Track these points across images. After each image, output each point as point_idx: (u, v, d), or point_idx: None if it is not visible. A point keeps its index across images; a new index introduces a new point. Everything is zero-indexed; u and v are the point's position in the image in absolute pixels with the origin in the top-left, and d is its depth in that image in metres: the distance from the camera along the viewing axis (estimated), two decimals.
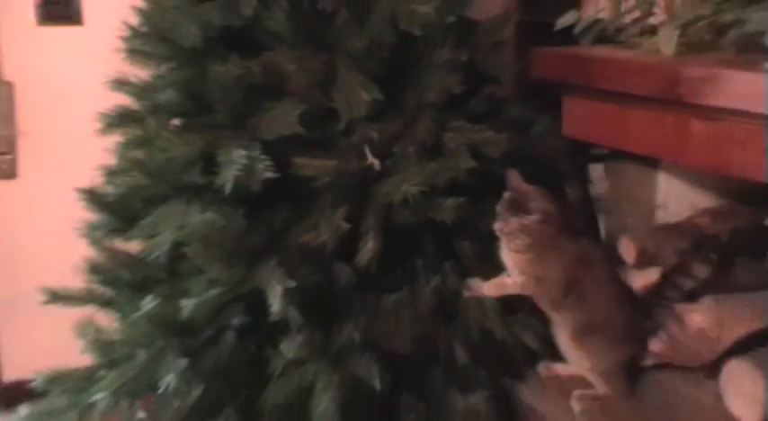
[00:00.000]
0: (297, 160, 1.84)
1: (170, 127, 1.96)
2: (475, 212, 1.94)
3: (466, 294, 1.96)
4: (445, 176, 1.87)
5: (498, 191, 1.93)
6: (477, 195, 1.94)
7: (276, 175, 1.80)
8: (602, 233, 2.42)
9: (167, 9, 1.96)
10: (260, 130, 1.83)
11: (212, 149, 1.84)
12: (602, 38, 2.11)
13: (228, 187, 1.79)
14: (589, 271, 1.87)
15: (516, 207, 1.80)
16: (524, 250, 1.84)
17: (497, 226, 1.81)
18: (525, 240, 1.80)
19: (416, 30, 1.89)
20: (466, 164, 1.89)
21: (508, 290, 1.92)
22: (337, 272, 1.87)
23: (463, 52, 1.96)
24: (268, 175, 1.80)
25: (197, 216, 1.84)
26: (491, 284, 1.93)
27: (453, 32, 1.97)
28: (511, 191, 1.83)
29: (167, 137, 1.91)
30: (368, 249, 1.84)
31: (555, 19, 2.16)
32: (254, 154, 1.80)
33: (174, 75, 1.93)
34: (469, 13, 2.07)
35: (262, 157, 1.80)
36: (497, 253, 1.89)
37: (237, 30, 1.87)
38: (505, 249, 1.87)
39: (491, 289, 1.94)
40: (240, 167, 1.78)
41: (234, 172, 1.78)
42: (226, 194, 1.81)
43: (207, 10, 1.86)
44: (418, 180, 1.83)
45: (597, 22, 2.10)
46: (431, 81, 1.93)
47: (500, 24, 2.13)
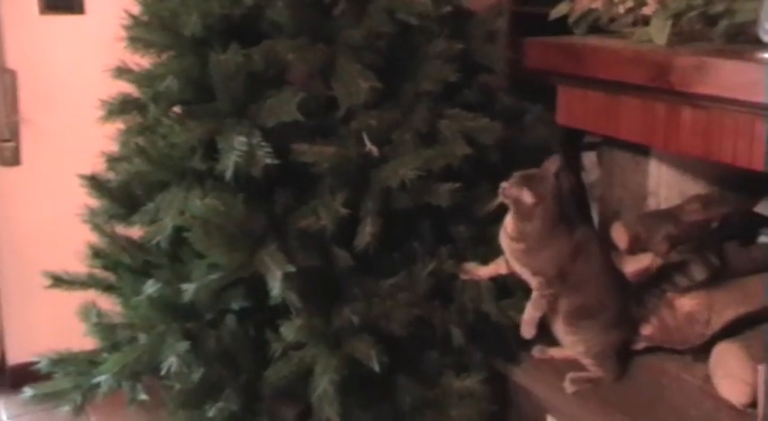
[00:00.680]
0: (296, 147, 1.86)
1: (171, 114, 1.97)
2: (470, 197, 1.98)
3: (462, 277, 2.00)
4: (441, 162, 1.90)
5: (492, 176, 1.97)
6: (471, 181, 1.97)
7: (276, 162, 1.82)
8: (594, 220, 2.46)
9: None
10: (260, 118, 1.85)
11: (213, 136, 1.86)
12: (595, 28, 2.13)
13: (229, 173, 1.81)
14: (583, 259, 1.90)
15: (528, 183, 1.84)
16: (518, 238, 1.88)
17: (502, 184, 1.86)
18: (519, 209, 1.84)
19: (413, 20, 1.92)
20: (461, 150, 1.92)
21: (502, 271, 1.96)
22: (336, 256, 1.89)
23: (458, 42, 1.99)
24: (268, 162, 1.81)
25: (198, 202, 1.85)
26: (486, 268, 1.98)
27: (449, 23, 2.00)
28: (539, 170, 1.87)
29: (169, 124, 1.92)
30: (366, 233, 1.86)
31: (546, 10, 2.18)
32: (254, 141, 1.82)
33: (175, 63, 1.94)
34: (464, 4, 2.10)
35: (262, 144, 1.82)
36: (493, 237, 1.93)
37: (238, 19, 1.89)
38: (503, 234, 1.91)
39: (486, 272, 1.98)
40: (241, 154, 1.80)
41: (234, 158, 1.80)
42: (226, 180, 1.83)
43: None
44: (415, 166, 1.86)
45: (590, 13, 2.12)
46: (427, 71, 1.96)
47: (494, 15, 2.17)
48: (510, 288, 2.01)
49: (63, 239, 2.36)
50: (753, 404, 1.78)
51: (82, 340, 2.10)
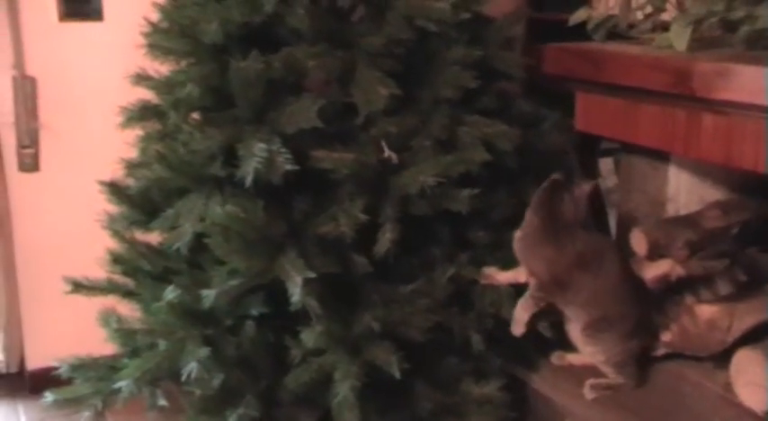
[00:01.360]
0: (316, 153, 1.86)
1: (191, 121, 1.98)
2: (489, 203, 1.98)
3: (482, 282, 2.00)
4: (460, 169, 1.90)
5: (510, 182, 1.97)
6: (489, 186, 1.98)
7: (296, 168, 1.83)
8: (611, 226, 2.45)
9: (188, 6, 1.99)
10: (280, 124, 1.85)
11: (233, 143, 1.86)
12: (613, 34, 2.13)
13: (249, 180, 1.81)
14: (594, 270, 1.89)
15: None
16: (518, 238, 1.89)
17: None
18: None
19: (432, 26, 1.92)
20: (480, 157, 1.92)
21: (521, 279, 1.96)
22: (355, 262, 1.89)
23: (477, 49, 1.99)
24: (288, 168, 1.82)
25: (218, 208, 1.86)
26: (506, 273, 1.98)
27: (467, 29, 2.00)
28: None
29: (188, 131, 1.93)
30: (386, 240, 1.86)
31: (562, 16, 2.19)
32: (274, 147, 1.82)
33: (195, 70, 1.94)
34: (483, 10, 2.10)
35: (282, 151, 1.82)
36: (512, 242, 1.93)
37: (257, 26, 1.90)
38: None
39: (505, 277, 1.98)
40: (260, 160, 1.80)
41: (254, 165, 1.80)
42: (246, 187, 1.83)
43: (228, 6, 1.89)
44: (434, 172, 1.86)
45: (609, 19, 2.12)
46: (446, 77, 1.96)
47: (513, 21, 2.17)
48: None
49: (82, 245, 2.37)
50: None
51: (101, 346, 2.11)
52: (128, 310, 2.13)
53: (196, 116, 2.01)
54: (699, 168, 2.14)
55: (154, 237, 2.12)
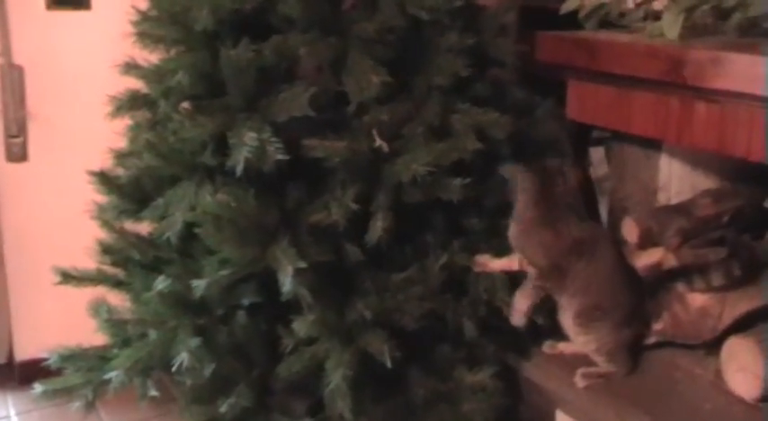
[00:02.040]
0: (307, 142, 1.85)
1: (181, 109, 1.97)
2: (482, 190, 1.98)
3: (475, 269, 2.00)
4: (452, 157, 1.90)
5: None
6: (484, 173, 1.97)
7: (287, 157, 1.81)
8: (603, 215, 2.45)
9: None
10: (271, 113, 1.84)
11: (224, 131, 1.85)
12: (605, 22, 2.13)
13: (240, 169, 1.80)
14: (588, 258, 1.88)
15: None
16: (514, 226, 1.89)
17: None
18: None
19: (424, 14, 1.91)
20: (472, 145, 1.92)
21: (514, 267, 1.96)
22: (348, 250, 1.88)
23: (470, 36, 1.98)
24: (279, 157, 1.80)
25: (209, 197, 1.85)
26: (499, 261, 1.98)
27: (460, 16, 1.99)
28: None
29: (179, 119, 1.91)
30: (378, 228, 1.85)
31: (553, 4, 2.18)
32: (265, 136, 1.80)
33: (186, 58, 1.93)
34: None
35: (273, 139, 1.80)
36: (506, 229, 1.93)
37: (249, 13, 1.88)
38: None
39: (498, 265, 1.98)
40: (251, 149, 1.79)
41: (245, 153, 1.79)
42: (237, 176, 1.82)
43: None
44: (427, 160, 1.85)
45: (601, 7, 2.11)
46: (439, 65, 1.95)
47: (505, 9, 2.17)
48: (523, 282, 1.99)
49: (71, 235, 2.36)
50: (764, 398, 1.78)
51: (90, 336, 2.09)
52: (118, 300, 2.12)
53: (186, 105, 1.99)
54: (690, 156, 2.15)
55: (144, 227, 2.10)
